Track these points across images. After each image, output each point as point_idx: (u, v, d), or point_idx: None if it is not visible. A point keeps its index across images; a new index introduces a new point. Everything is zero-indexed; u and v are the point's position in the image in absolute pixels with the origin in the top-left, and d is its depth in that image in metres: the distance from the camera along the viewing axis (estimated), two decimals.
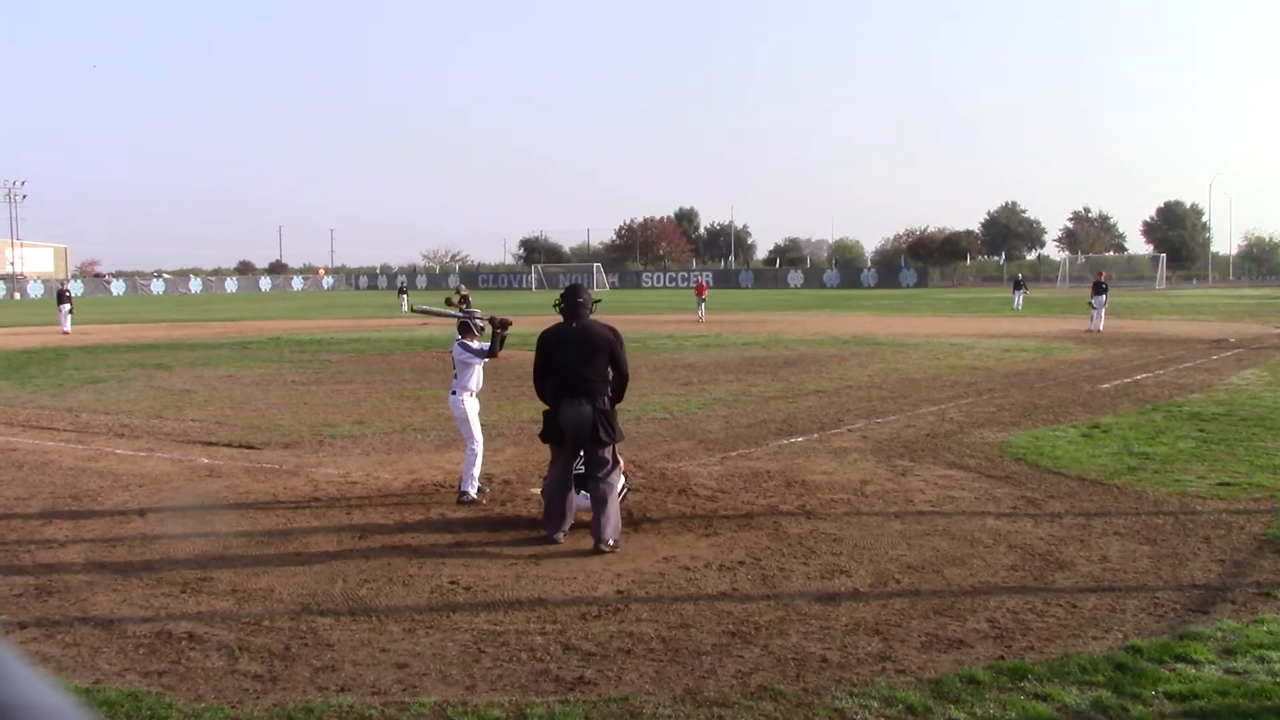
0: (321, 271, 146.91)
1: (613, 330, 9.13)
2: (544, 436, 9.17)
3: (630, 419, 13.77)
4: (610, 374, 9.02)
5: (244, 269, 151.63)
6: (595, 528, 8.68)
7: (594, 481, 8.83)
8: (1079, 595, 7.34)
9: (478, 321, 10.81)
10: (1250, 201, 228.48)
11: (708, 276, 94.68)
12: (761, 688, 5.70)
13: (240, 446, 13.70)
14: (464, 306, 24.68)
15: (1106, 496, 10.44)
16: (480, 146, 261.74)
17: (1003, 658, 6.12)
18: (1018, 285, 57.37)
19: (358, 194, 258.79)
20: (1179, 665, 5.94)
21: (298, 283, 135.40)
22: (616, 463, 9.07)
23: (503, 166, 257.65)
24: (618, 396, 9.12)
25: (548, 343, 9.10)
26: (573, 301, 9.14)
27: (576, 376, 8.86)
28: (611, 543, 8.58)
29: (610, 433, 8.87)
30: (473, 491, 10.33)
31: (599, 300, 9.62)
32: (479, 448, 10.45)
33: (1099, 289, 35.47)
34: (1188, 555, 8.31)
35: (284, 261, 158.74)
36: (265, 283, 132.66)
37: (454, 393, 10.66)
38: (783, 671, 5.95)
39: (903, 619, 6.86)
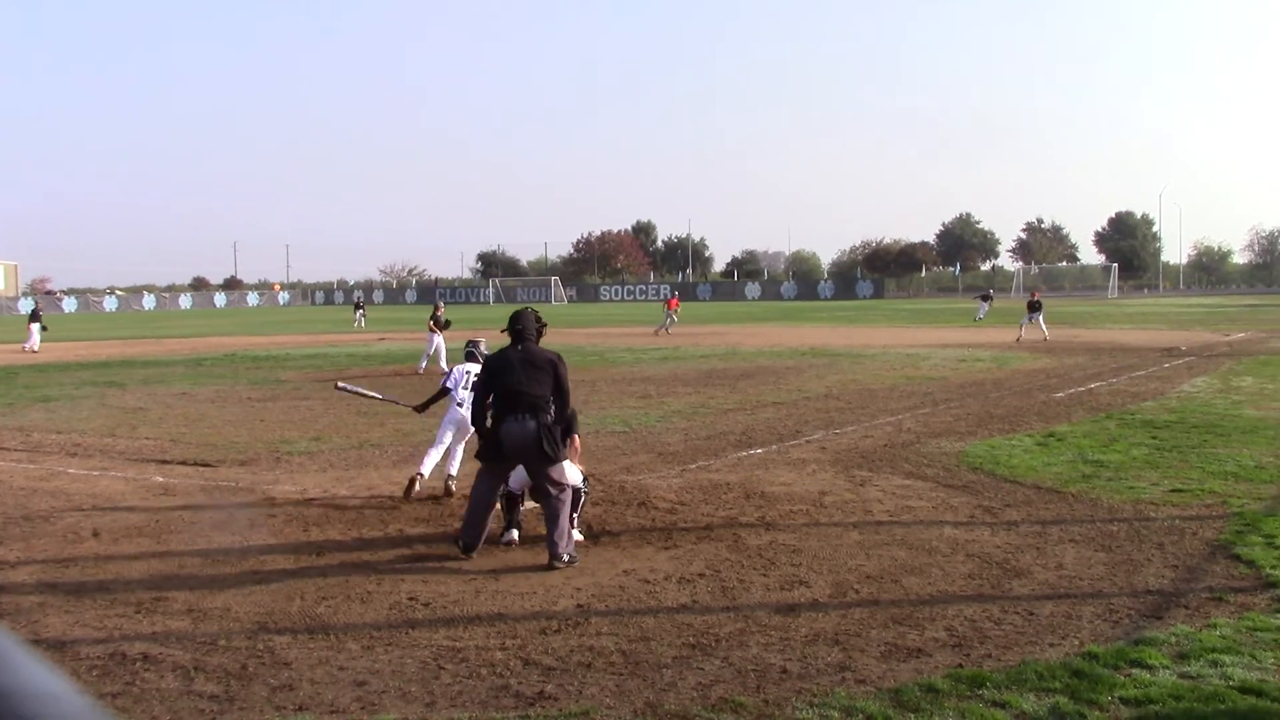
0: (277, 287, 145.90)
1: (557, 355, 9.22)
2: (482, 455, 9.10)
3: (589, 432, 13.75)
4: (552, 397, 9.04)
5: (198, 285, 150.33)
6: (550, 544, 8.64)
7: (547, 497, 8.80)
8: (1036, 603, 7.40)
9: (482, 349, 11.58)
10: (1199, 212, 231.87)
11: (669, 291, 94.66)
12: (722, 700, 5.71)
13: (195, 464, 13.56)
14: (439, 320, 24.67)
15: (1062, 504, 10.54)
16: (437, 160, 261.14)
17: (961, 666, 6.15)
18: (985, 297, 56.85)
19: (314, 209, 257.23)
20: (1134, 671, 6.00)
21: (253, 298, 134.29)
22: (567, 483, 9.02)
23: (460, 180, 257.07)
24: (559, 419, 9.12)
25: (492, 366, 9.16)
26: (519, 328, 9.21)
27: (520, 394, 8.86)
28: (566, 558, 8.55)
29: (555, 449, 8.83)
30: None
31: (546, 324, 9.64)
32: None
33: (1034, 307, 36.68)
34: (1142, 561, 8.40)
35: (239, 277, 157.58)
36: (220, 299, 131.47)
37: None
38: (743, 683, 5.96)
39: (862, 629, 6.89)
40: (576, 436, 9.81)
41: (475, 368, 11.35)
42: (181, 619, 7.31)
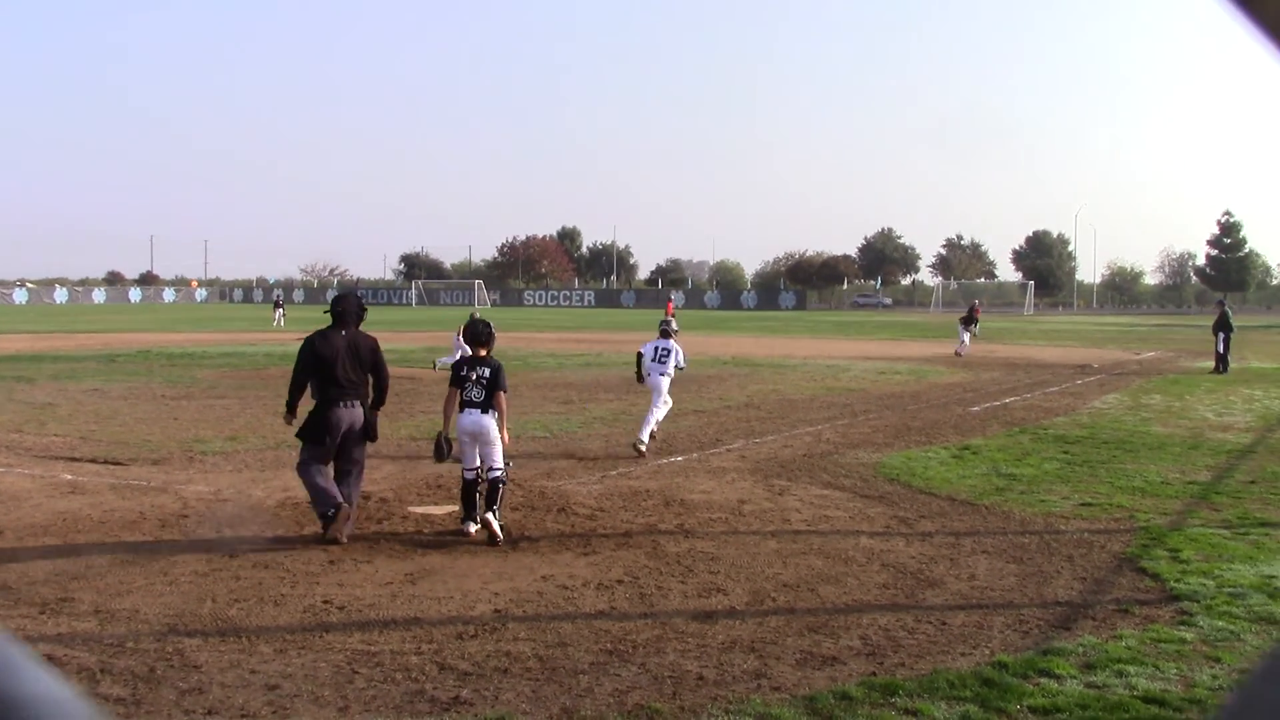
0: (194, 284, 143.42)
1: (375, 339, 9.85)
2: (306, 434, 9.46)
3: (510, 437, 13.68)
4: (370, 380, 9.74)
5: (113, 279, 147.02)
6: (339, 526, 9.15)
7: (351, 476, 9.45)
8: (948, 612, 7.51)
9: (674, 326, 15.41)
10: (1113, 233, 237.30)
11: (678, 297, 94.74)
12: (638, 706, 5.72)
13: (106, 462, 13.26)
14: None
15: (975, 516, 10.71)
16: (361, 159, 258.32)
17: (874, 674, 6.22)
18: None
19: (234, 205, 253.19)
20: (1042, 680, 6.12)
21: (169, 294, 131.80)
22: (364, 461, 9.79)
23: (384, 181, 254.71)
24: (380, 401, 9.84)
25: (316, 347, 9.50)
26: (341, 310, 9.70)
27: (349, 381, 9.39)
28: (345, 540, 9.03)
29: (374, 434, 9.71)
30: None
31: (366, 308, 10.07)
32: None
33: (971, 320, 36.16)
34: (1051, 573, 8.57)
35: (155, 272, 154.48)
36: (135, 294, 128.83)
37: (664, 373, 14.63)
38: (659, 690, 5.97)
39: (778, 637, 6.94)
40: (503, 395, 9.92)
41: (668, 343, 14.95)
42: (88, 620, 7.15)
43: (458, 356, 26.58)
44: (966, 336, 35.49)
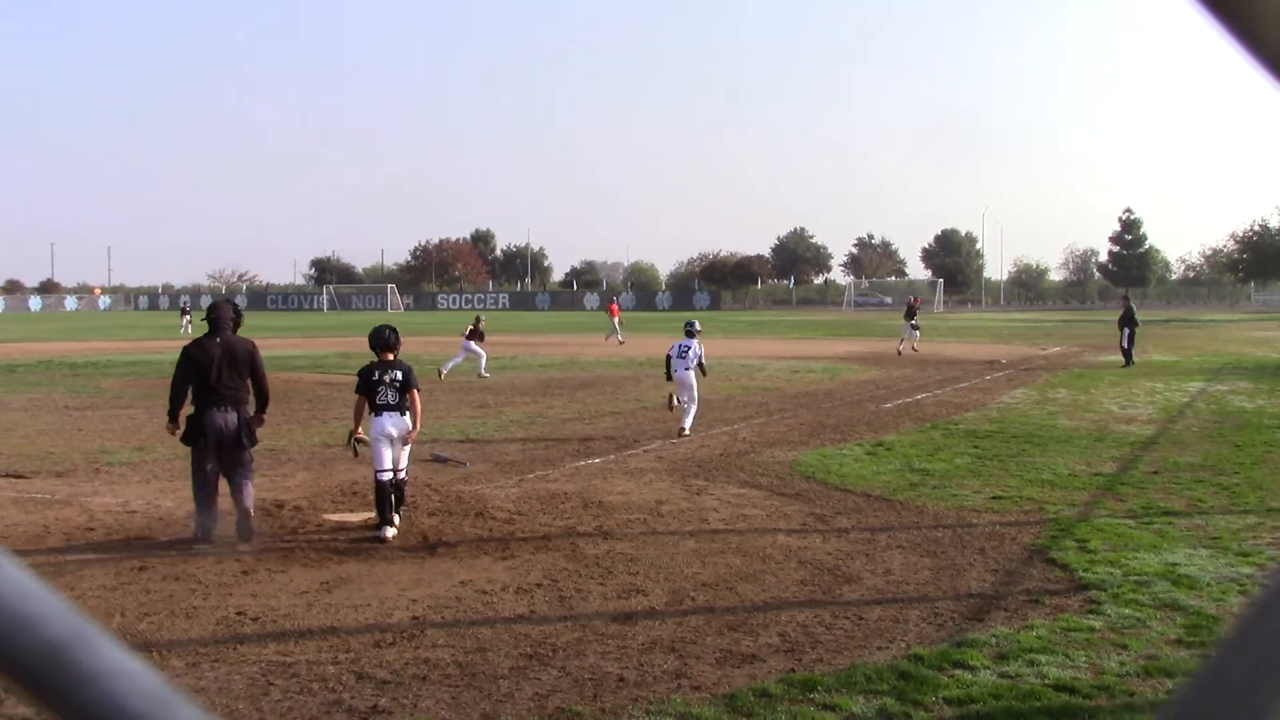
0: (97, 291, 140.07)
1: (252, 344, 10.01)
2: (186, 440, 9.73)
3: (426, 440, 13.56)
4: (250, 385, 9.84)
5: (11, 288, 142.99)
6: (241, 528, 9.34)
7: (239, 478, 9.48)
8: (865, 607, 7.61)
9: (697, 326, 16.92)
10: (1019, 231, 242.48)
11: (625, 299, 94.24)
12: (559, 709, 5.70)
13: (7, 476, 12.88)
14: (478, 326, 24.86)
15: (890, 511, 10.86)
16: (270, 163, 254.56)
17: (793, 670, 6.28)
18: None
19: (138, 210, 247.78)
20: (957, 671, 6.23)
21: (71, 302, 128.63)
22: (252, 463, 9.85)
23: (293, 185, 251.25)
24: (262, 406, 10.00)
25: (192, 355, 9.73)
26: (215, 317, 9.90)
27: (222, 387, 9.59)
28: (254, 541, 9.23)
29: (251, 438, 9.76)
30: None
31: (241, 314, 10.34)
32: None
33: (912, 314, 36.81)
34: (964, 566, 8.72)
35: (56, 280, 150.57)
36: (35, 302, 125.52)
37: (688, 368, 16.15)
38: (580, 692, 5.96)
39: (698, 636, 6.97)
40: (416, 393, 10.22)
41: (690, 341, 16.39)
42: None
43: (461, 359, 26.39)
44: (917, 334, 36.13)
